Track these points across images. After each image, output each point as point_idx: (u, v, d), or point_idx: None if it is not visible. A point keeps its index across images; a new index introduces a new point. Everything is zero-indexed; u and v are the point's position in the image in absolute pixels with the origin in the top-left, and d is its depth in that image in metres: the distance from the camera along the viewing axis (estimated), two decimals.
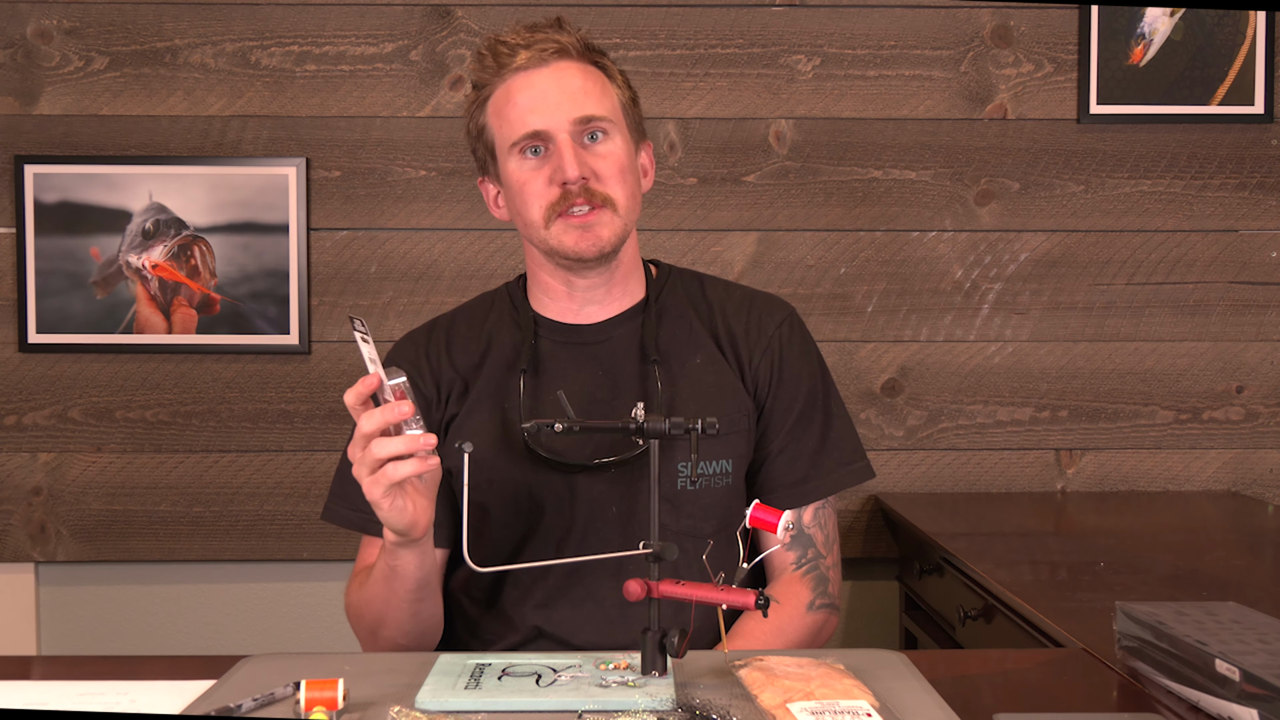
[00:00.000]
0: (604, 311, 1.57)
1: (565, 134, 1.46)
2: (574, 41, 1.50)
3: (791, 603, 1.52)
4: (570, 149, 1.46)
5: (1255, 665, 1.05)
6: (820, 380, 1.60)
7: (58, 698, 1.18)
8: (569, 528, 1.50)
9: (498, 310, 1.62)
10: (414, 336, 1.63)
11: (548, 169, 1.48)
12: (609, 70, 1.53)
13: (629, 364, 1.54)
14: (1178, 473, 2.65)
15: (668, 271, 1.64)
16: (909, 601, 2.49)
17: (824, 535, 1.57)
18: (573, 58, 1.50)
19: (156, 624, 2.66)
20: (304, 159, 2.58)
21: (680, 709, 1.11)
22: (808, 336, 1.61)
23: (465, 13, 2.59)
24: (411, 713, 1.10)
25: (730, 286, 1.64)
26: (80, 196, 2.57)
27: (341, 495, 1.58)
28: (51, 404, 2.60)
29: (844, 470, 1.57)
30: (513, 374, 1.54)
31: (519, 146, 1.49)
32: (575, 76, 1.49)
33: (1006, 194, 2.63)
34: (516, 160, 1.50)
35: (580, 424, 1.26)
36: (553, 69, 1.48)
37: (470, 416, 1.53)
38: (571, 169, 1.46)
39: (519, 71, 1.48)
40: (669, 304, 1.59)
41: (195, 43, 2.58)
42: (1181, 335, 2.65)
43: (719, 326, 1.58)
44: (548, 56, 1.48)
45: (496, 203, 1.59)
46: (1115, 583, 1.79)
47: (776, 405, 1.56)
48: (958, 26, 2.62)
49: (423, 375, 1.57)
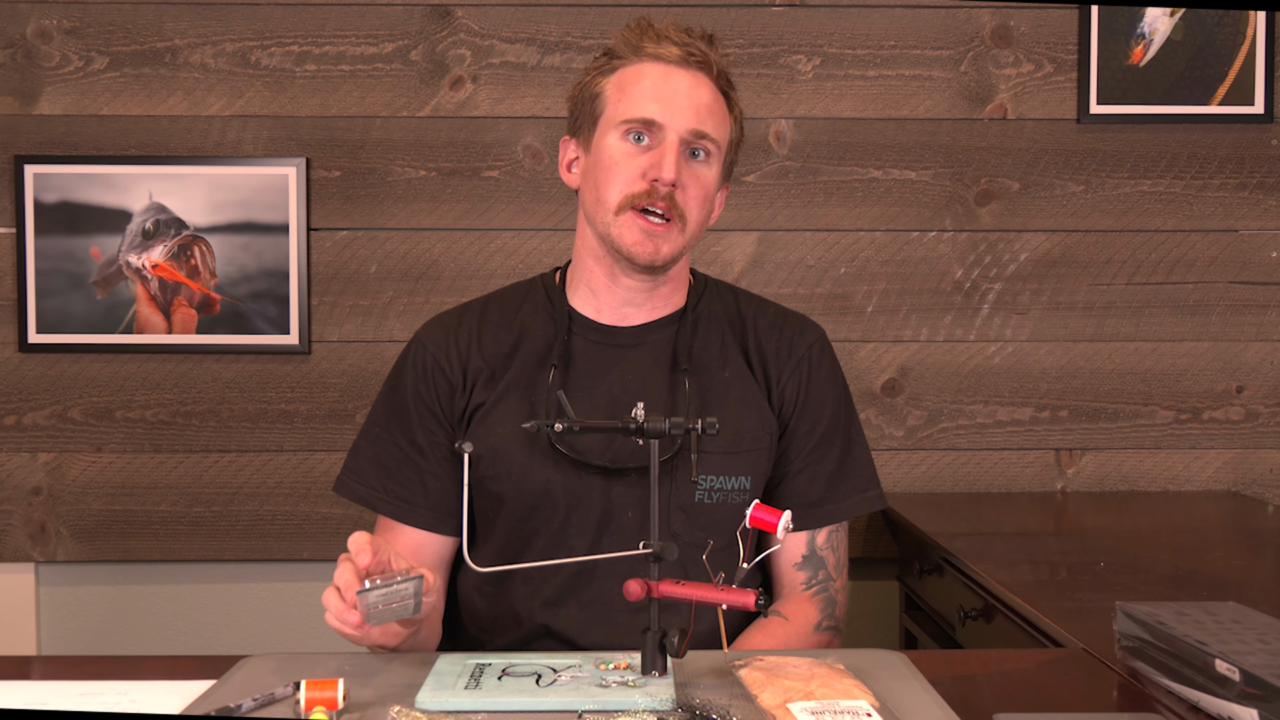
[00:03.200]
0: (641, 315, 1.57)
1: (677, 136, 1.48)
2: (718, 62, 1.52)
3: (800, 622, 1.53)
4: (676, 151, 1.47)
5: (1255, 665, 1.05)
6: (844, 405, 1.61)
7: (58, 698, 1.18)
8: (583, 528, 1.50)
9: (532, 301, 1.61)
10: (444, 319, 1.62)
11: (645, 161, 1.48)
12: (733, 104, 1.55)
13: (660, 370, 1.54)
14: (1178, 473, 2.65)
15: (704, 282, 1.64)
16: (909, 601, 2.49)
17: (835, 559, 1.58)
18: (711, 76, 1.51)
19: (156, 624, 2.66)
20: (304, 159, 2.58)
21: (680, 709, 1.11)
22: (835, 361, 1.63)
23: (465, 13, 2.59)
24: (411, 713, 1.10)
25: (764, 304, 1.65)
26: (80, 196, 2.57)
27: (355, 470, 1.58)
28: (51, 404, 2.60)
29: (859, 497, 1.59)
30: (544, 368, 1.53)
31: (628, 127, 1.49)
32: (707, 93, 1.51)
33: (1006, 194, 2.63)
34: (618, 138, 1.50)
35: (580, 424, 1.26)
36: (692, 75, 1.50)
37: (497, 406, 1.53)
38: (670, 171, 1.46)
39: (660, 61, 1.50)
40: (705, 315, 1.60)
41: (195, 43, 2.58)
42: (1181, 335, 2.65)
43: (750, 343, 1.59)
44: (692, 62, 1.50)
45: (570, 167, 1.58)
46: (1115, 583, 1.79)
47: (800, 426, 1.57)
48: (958, 26, 2.62)
49: (450, 360, 1.56)
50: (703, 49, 1.50)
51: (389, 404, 1.59)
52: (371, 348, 2.60)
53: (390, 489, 1.55)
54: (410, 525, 1.55)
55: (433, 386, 1.56)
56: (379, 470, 1.56)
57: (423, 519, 1.55)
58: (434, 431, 1.55)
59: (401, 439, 1.56)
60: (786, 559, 1.57)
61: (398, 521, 1.55)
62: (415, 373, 1.57)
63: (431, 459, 1.55)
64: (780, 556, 1.57)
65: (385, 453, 1.56)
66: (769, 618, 1.52)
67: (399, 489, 1.55)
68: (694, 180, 1.50)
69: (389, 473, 1.55)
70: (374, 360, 2.59)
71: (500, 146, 2.60)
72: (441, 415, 1.55)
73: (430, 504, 1.55)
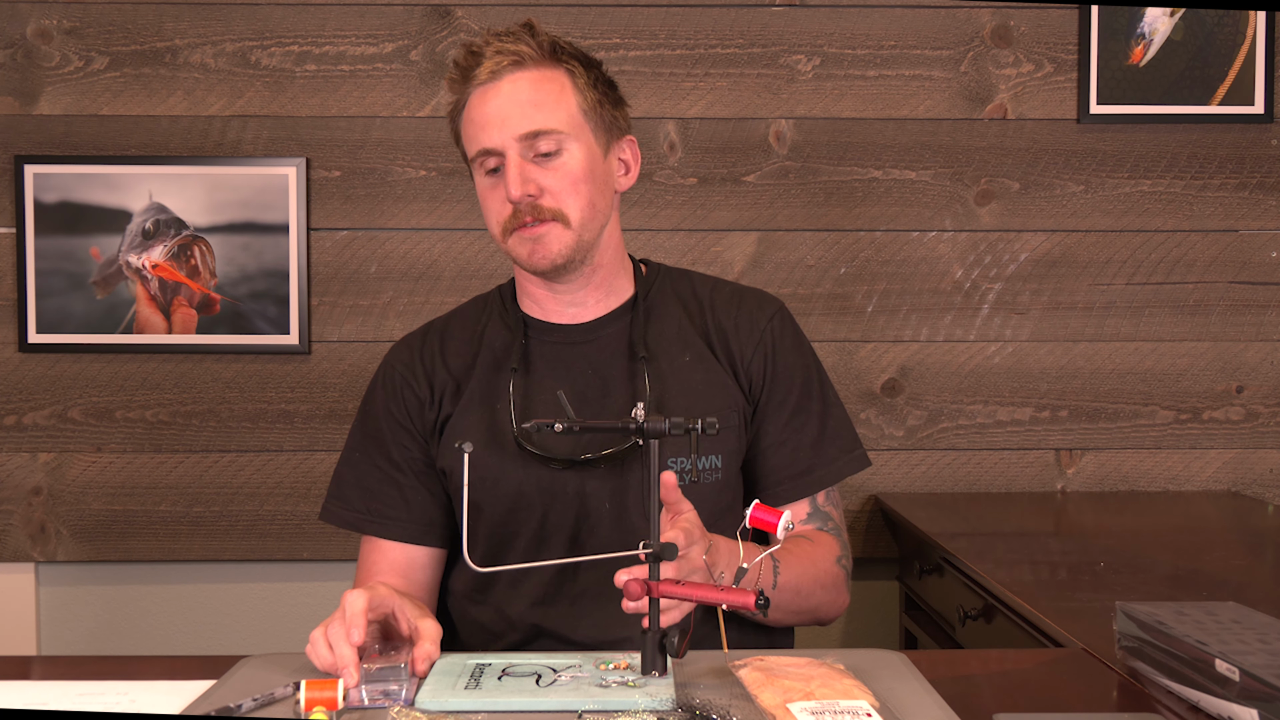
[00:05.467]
0: (590, 311, 1.58)
1: (514, 150, 1.47)
2: (533, 49, 1.48)
3: (824, 548, 1.54)
4: (516, 167, 1.46)
5: (1255, 665, 1.05)
6: (815, 370, 1.61)
7: (58, 698, 1.18)
8: (561, 523, 1.51)
9: (489, 311, 1.63)
10: (409, 340, 1.65)
11: (502, 187, 1.49)
12: (574, 72, 1.50)
13: (618, 362, 1.55)
14: (1178, 473, 2.65)
15: (657, 270, 1.64)
16: (909, 601, 2.49)
17: (839, 515, 1.60)
18: (528, 66, 1.48)
19: (156, 624, 2.66)
20: (304, 159, 2.58)
21: (680, 709, 1.11)
22: (798, 329, 1.63)
23: (465, 13, 2.59)
24: (411, 712, 1.10)
25: (719, 283, 1.64)
26: (80, 196, 2.57)
27: (338, 495, 1.60)
28: (51, 404, 2.60)
29: (847, 458, 1.59)
30: (503, 374, 1.55)
31: (479, 163, 1.51)
32: (527, 89, 1.47)
33: (1006, 194, 2.63)
34: (480, 175, 1.52)
35: (581, 424, 1.26)
36: (507, 82, 1.48)
37: (463, 416, 1.55)
38: (514, 188, 1.46)
39: (478, 86, 1.49)
40: (657, 302, 1.60)
41: (195, 43, 2.58)
42: (1181, 335, 2.65)
43: (709, 324, 1.59)
44: (503, 70, 1.47)
45: None
46: (1115, 583, 1.79)
47: (772, 398, 1.57)
48: (958, 26, 2.62)
49: (416, 377, 1.59)
50: (509, 48, 1.47)
51: (364, 428, 1.61)
52: (371, 348, 2.60)
53: (374, 509, 1.58)
54: (396, 541, 1.57)
55: (403, 403, 1.58)
56: (362, 493, 1.58)
57: (407, 533, 1.57)
58: (408, 447, 1.58)
59: (380, 459, 1.58)
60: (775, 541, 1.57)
61: (384, 539, 1.57)
62: (386, 392, 1.60)
63: (409, 474, 1.57)
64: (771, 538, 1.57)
65: (366, 475, 1.59)
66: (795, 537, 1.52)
67: (382, 508, 1.57)
68: (552, 176, 1.48)
69: (371, 494, 1.58)
70: (374, 360, 2.59)
71: None
72: (415, 430, 1.58)
73: (413, 518, 1.57)
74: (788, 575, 1.45)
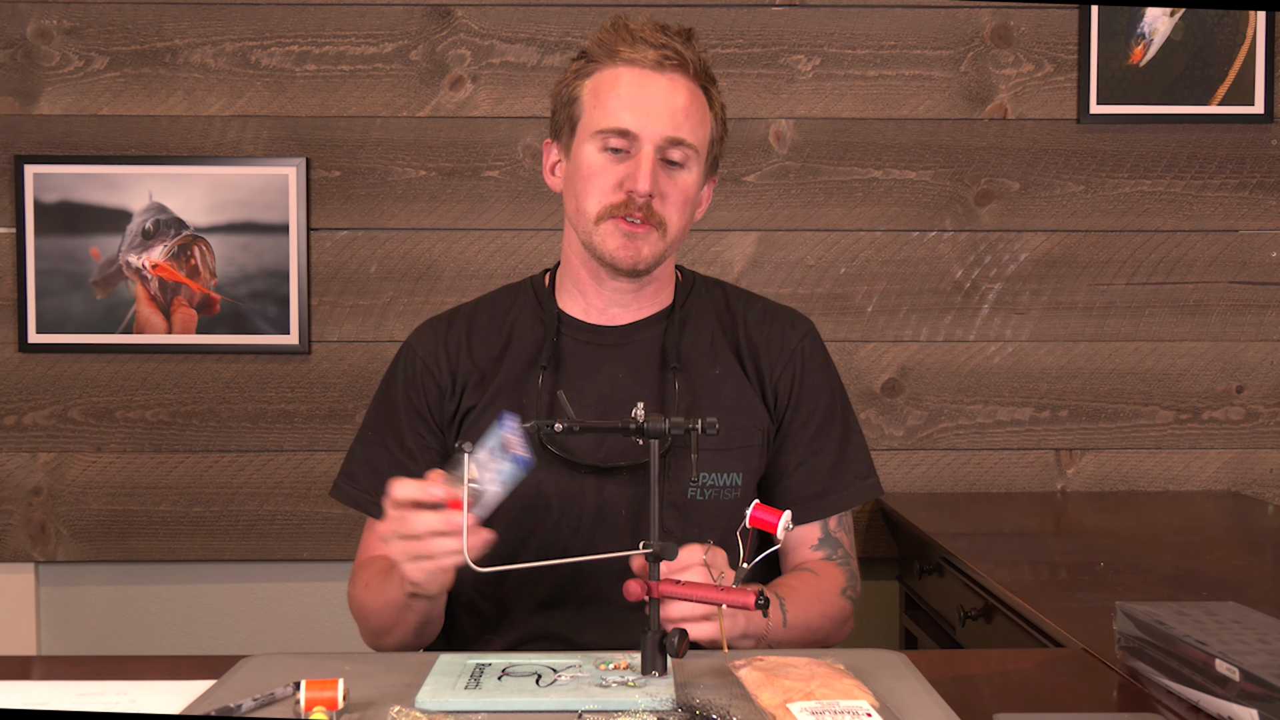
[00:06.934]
0: (628, 315, 1.57)
1: (652, 145, 1.46)
2: (696, 60, 1.49)
3: (829, 579, 1.54)
4: (651, 162, 1.46)
5: (1255, 665, 1.05)
6: (839, 395, 1.61)
7: (58, 698, 1.18)
8: (577, 527, 1.50)
9: (521, 303, 1.61)
10: (434, 324, 1.62)
11: (621, 171, 1.47)
12: (713, 100, 1.53)
13: (649, 369, 1.55)
14: (1178, 473, 2.65)
15: (692, 279, 1.64)
16: (909, 601, 2.49)
17: (849, 540, 1.60)
18: (689, 75, 1.49)
19: (156, 624, 2.66)
20: (304, 159, 2.58)
21: (680, 709, 1.11)
22: (826, 351, 1.63)
23: (465, 13, 2.59)
24: (411, 713, 1.10)
25: (752, 299, 1.65)
26: (80, 196, 2.57)
27: (349, 473, 1.59)
28: (51, 404, 2.60)
29: (860, 485, 1.59)
30: (533, 370, 1.54)
31: (604, 137, 1.47)
32: (684, 95, 1.48)
33: (1006, 194, 2.63)
34: (595, 147, 1.48)
35: (580, 424, 1.26)
36: (667, 78, 1.47)
37: (487, 410, 1.53)
38: (645, 183, 1.45)
39: (635, 65, 1.47)
40: (693, 312, 1.60)
41: (195, 43, 2.58)
42: (1181, 335, 2.65)
43: (740, 339, 1.59)
44: (667, 64, 1.47)
45: (553, 170, 1.58)
46: (1115, 583, 1.79)
47: (796, 418, 1.57)
48: (958, 26, 2.62)
49: (439, 365, 1.57)
50: (679, 49, 1.48)
51: (381, 409, 1.60)
52: (371, 348, 2.60)
53: (380, 491, 1.55)
54: None
55: (422, 391, 1.57)
56: (372, 474, 1.57)
57: None
58: (424, 435, 1.56)
59: (392, 443, 1.57)
60: (802, 545, 1.57)
61: None
62: (405, 377, 1.58)
63: (421, 462, 1.55)
64: (795, 544, 1.57)
65: (377, 457, 1.57)
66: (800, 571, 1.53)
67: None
68: (672, 188, 1.48)
69: (381, 476, 1.56)
70: (374, 360, 2.59)
71: (500, 146, 2.60)
72: (431, 419, 1.56)
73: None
74: (796, 613, 1.45)
